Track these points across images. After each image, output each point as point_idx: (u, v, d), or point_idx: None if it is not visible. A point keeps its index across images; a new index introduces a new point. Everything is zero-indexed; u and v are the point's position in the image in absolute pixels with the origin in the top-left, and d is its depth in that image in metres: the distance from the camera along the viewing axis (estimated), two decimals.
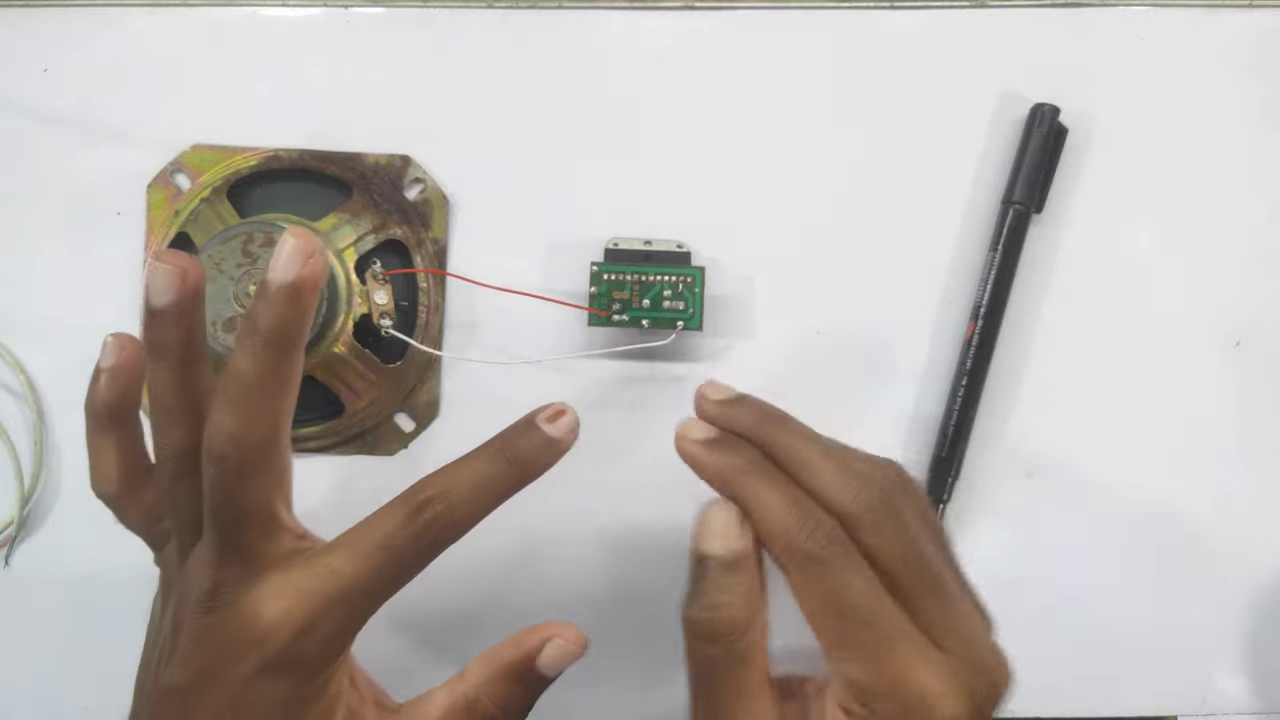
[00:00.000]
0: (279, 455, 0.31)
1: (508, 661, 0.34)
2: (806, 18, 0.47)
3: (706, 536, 0.30)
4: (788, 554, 0.30)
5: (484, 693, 0.34)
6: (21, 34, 0.47)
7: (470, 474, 0.31)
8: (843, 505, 0.30)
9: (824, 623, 0.29)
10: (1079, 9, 0.47)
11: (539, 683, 0.34)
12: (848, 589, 0.29)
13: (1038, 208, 0.46)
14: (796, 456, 0.32)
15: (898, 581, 0.29)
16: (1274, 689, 0.47)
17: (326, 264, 0.31)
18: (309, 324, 0.31)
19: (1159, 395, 0.47)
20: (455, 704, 0.34)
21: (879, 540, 0.30)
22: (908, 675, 0.28)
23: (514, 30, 0.47)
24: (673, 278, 0.45)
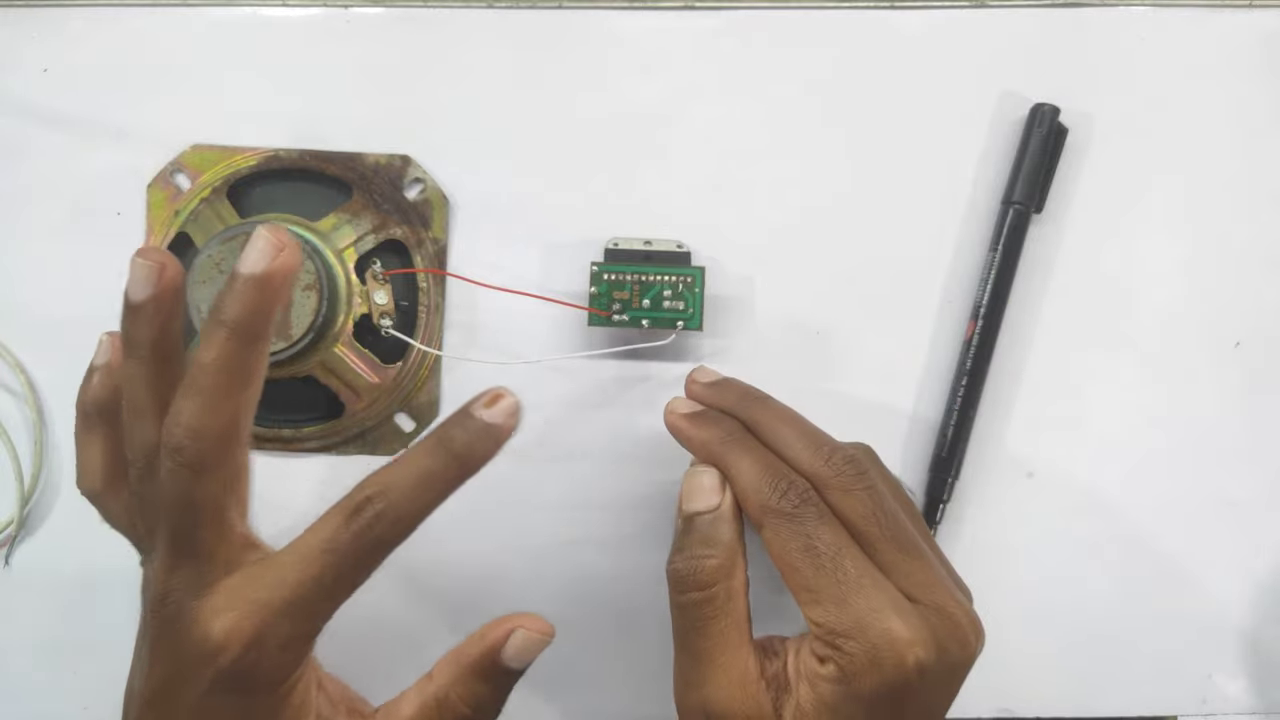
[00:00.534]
0: (236, 452, 0.31)
1: (473, 658, 0.33)
2: (806, 18, 0.47)
3: (690, 496, 0.34)
4: (762, 512, 0.32)
5: (453, 691, 0.33)
6: (21, 34, 0.47)
7: (409, 470, 0.30)
8: (814, 468, 0.33)
9: (795, 573, 0.31)
10: (1079, 9, 0.47)
11: (506, 676, 0.33)
12: (817, 538, 0.31)
13: (1038, 208, 0.46)
14: (772, 429, 0.35)
15: (870, 540, 0.32)
16: (1274, 689, 0.47)
17: (299, 260, 0.31)
18: (274, 317, 0.31)
19: (1159, 395, 0.47)
20: (425, 705, 0.33)
21: (850, 501, 0.32)
22: (874, 618, 0.30)
23: (514, 30, 0.47)
24: (673, 278, 0.45)
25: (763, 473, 0.33)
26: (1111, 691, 0.47)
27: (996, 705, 0.47)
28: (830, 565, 0.31)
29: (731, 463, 0.34)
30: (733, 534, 0.33)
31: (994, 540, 0.46)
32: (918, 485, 0.46)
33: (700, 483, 0.34)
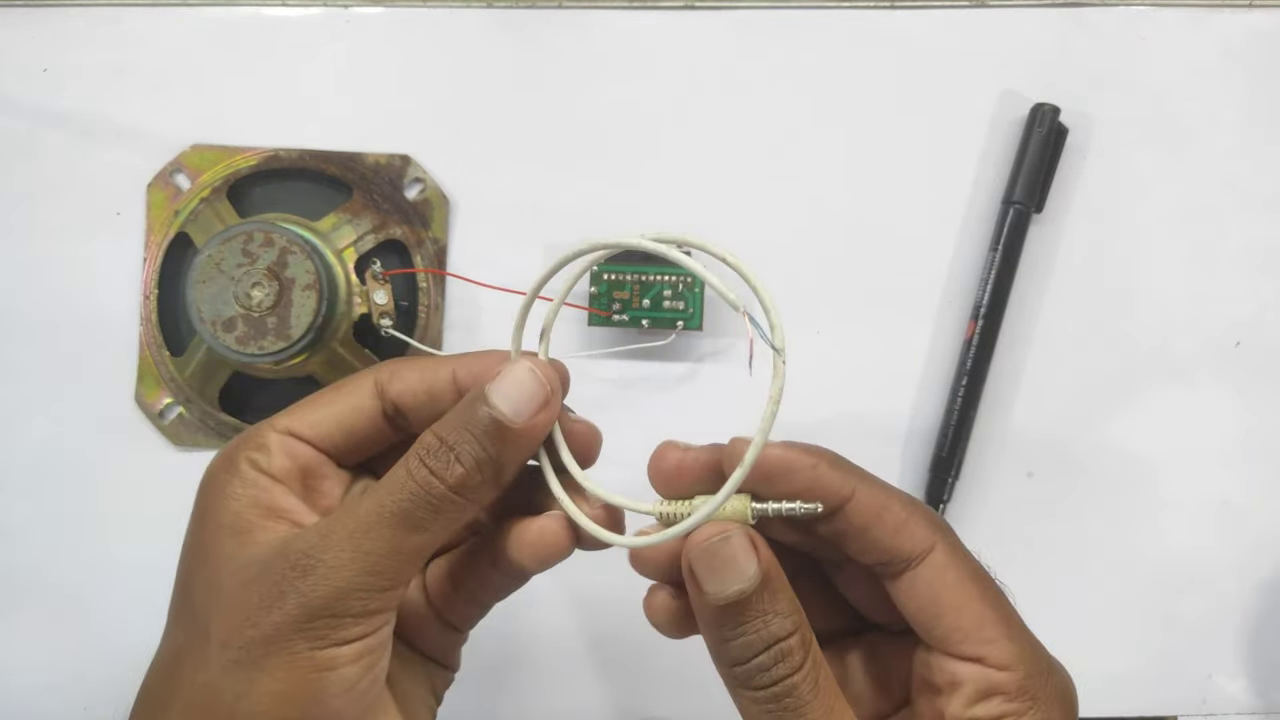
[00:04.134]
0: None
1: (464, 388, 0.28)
2: (806, 18, 0.47)
3: (717, 575, 0.26)
4: (932, 536, 0.28)
5: (434, 429, 0.27)
6: (21, 34, 0.47)
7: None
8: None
9: (960, 611, 0.27)
10: (1079, 9, 0.47)
11: (498, 429, 0.27)
12: (983, 570, 0.29)
13: (1038, 208, 0.46)
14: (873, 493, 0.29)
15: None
16: (1274, 689, 0.47)
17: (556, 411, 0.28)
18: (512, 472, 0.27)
19: (1159, 395, 0.47)
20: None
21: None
22: (1052, 661, 0.28)
23: (514, 30, 0.47)
24: (673, 278, 0.45)
25: (907, 495, 0.28)
26: (1111, 691, 0.46)
27: None
28: (997, 592, 0.28)
29: (870, 489, 0.28)
30: (788, 590, 0.27)
31: (994, 540, 0.46)
32: (918, 485, 0.46)
33: (728, 553, 0.26)
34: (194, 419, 0.47)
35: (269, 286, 0.43)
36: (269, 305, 0.43)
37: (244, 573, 0.26)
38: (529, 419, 0.27)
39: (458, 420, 0.27)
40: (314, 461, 0.29)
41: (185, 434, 0.47)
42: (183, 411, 0.47)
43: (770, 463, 0.27)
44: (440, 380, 0.29)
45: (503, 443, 0.27)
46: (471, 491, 0.26)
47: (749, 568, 0.26)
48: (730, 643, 0.26)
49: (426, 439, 0.27)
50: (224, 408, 0.46)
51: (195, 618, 0.26)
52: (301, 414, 0.29)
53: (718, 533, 0.27)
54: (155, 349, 0.47)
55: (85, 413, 0.47)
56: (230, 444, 0.29)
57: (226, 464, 0.28)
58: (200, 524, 0.28)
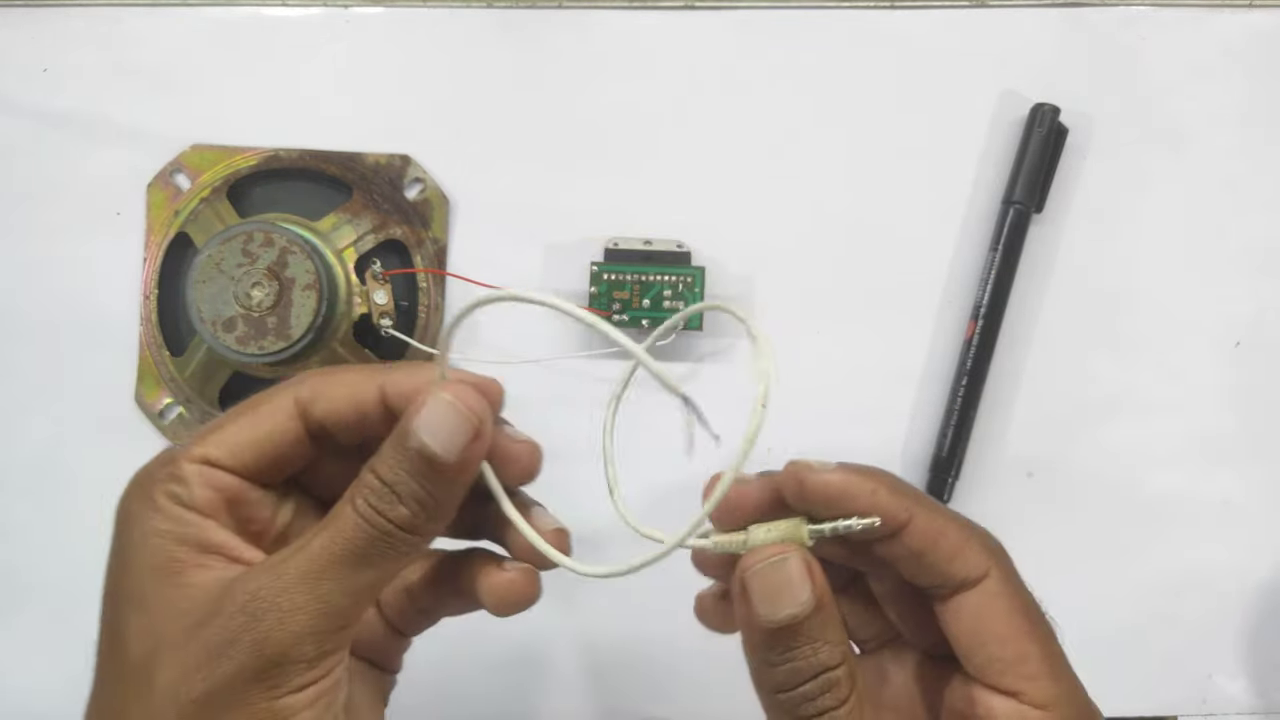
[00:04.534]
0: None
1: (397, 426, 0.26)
2: (806, 18, 0.47)
3: (771, 597, 0.26)
4: (987, 562, 0.27)
5: (373, 465, 0.26)
6: (21, 34, 0.47)
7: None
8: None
9: (1007, 642, 0.27)
10: (1079, 9, 0.47)
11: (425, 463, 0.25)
12: (1032, 599, 0.28)
13: (1038, 208, 0.46)
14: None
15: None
16: (1274, 689, 0.47)
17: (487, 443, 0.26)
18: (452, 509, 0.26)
19: (1159, 395, 0.46)
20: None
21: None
22: (1089, 702, 0.28)
23: (514, 30, 0.47)
24: (673, 278, 0.45)
25: (965, 519, 0.28)
26: (1111, 691, 0.46)
27: None
28: (1047, 629, 0.27)
29: (928, 514, 0.27)
30: (839, 620, 0.26)
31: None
32: (918, 485, 0.46)
33: (784, 575, 0.26)
34: (194, 419, 0.47)
35: (269, 286, 0.43)
36: (269, 305, 0.43)
37: (185, 618, 0.24)
38: (460, 454, 0.25)
39: (393, 459, 0.25)
40: (238, 489, 0.27)
41: (185, 434, 0.47)
42: (183, 411, 0.47)
43: (829, 488, 0.27)
44: (368, 398, 0.27)
45: (438, 479, 0.25)
46: (421, 529, 0.26)
47: (804, 593, 0.25)
48: (777, 668, 0.26)
49: (368, 479, 0.25)
50: (224, 408, 0.46)
51: (133, 669, 0.25)
52: (216, 440, 0.27)
53: (776, 554, 0.26)
54: (155, 349, 0.47)
55: (85, 413, 0.47)
56: (140, 474, 0.27)
57: (143, 499, 0.26)
58: (125, 566, 0.26)
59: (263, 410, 0.27)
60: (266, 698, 0.24)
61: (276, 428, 0.27)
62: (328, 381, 0.27)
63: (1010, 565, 0.28)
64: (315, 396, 0.27)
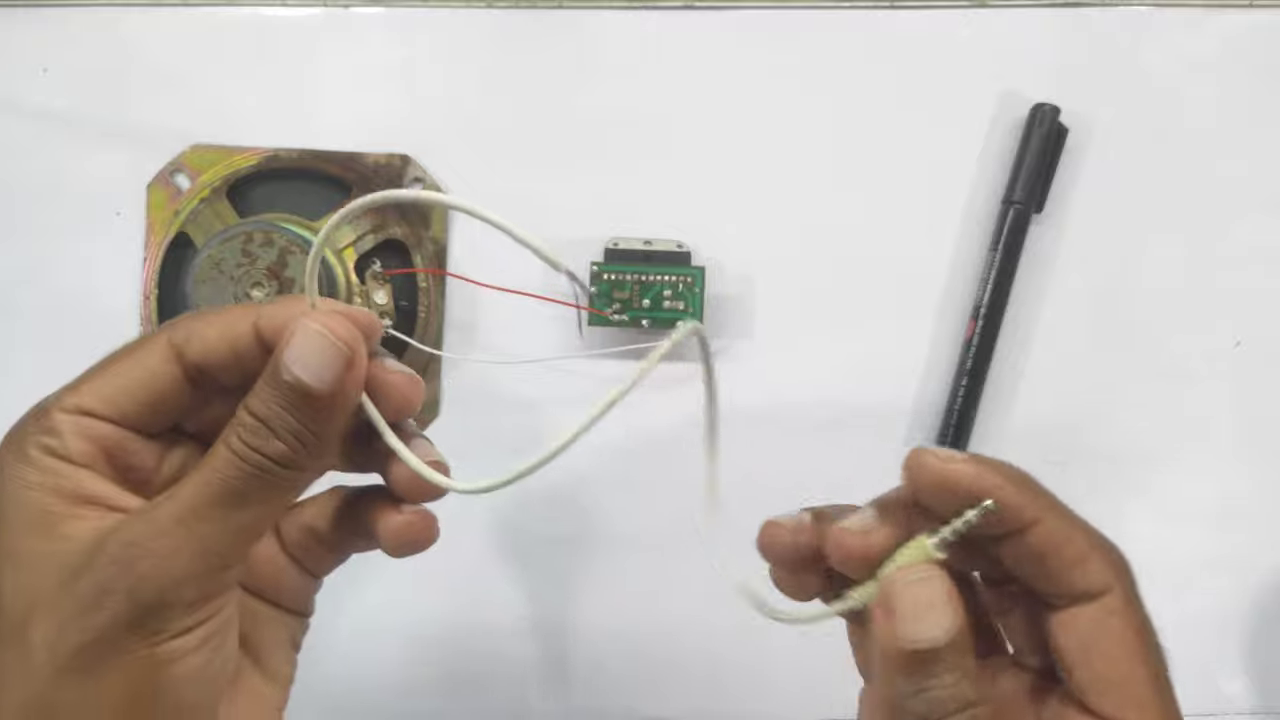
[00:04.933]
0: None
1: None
2: (806, 18, 0.47)
3: (911, 616, 0.24)
4: (1119, 572, 0.25)
5: (246, 403, 0.26)
6: (21, 34, 0.47)
7: None
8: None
9: (1120, 657, 0.26)
10: (1079, 9, 0.47)
11: (297, 394, 0.25)
12: (1151, 629, 0.26)
13: (1038, 208, 0.46)
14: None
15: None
16: (1274, 689, 0.47)
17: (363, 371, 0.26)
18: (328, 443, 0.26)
19: (1159, 395, 0.46)
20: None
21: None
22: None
23: (514, 30, 0.47)
24: (673, 278, 0.45)
25: (1094, 529, 0.26)
26: None
27: None
28: (1160, 658, 0.27)
29: (1058, 517, 0.25)
30: (973, 651, 0.24)
31: None
32: None
33: (931, 594, 0.24)
34: None
35: (269, 286, 0.43)
36: None
37: (61, 572, 0.24)
38: (333, 383, 0.25)
39: (266, 393, 0.25)
40: (116, 438, 0.26)
41: None
42: None
43: (957, 478, 0.25)
44: (242, 335, 0.26)
45: (313, 411, 0.25)
46: (299, 462, 0.25)
47: (949, 615, 0.24)
48: (917, 695, 0.24)
49: (242, 416, 0.25)
50: None
51: (10, 630, 0.24)
52: (90, 388, 0.26)
53: (924, 571, 0.24)
54: None
55: None
56: (13, 428, 0.26)
57: (16, 452, 0.25)
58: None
59: (136, 355, 0.26)
60: (147, 645, 0.23)
61: (151, 372, 0.26)
62: (201, 321, 0.26)
63: (1133, 585, 0.26)
64: (189, 337, 0.26)
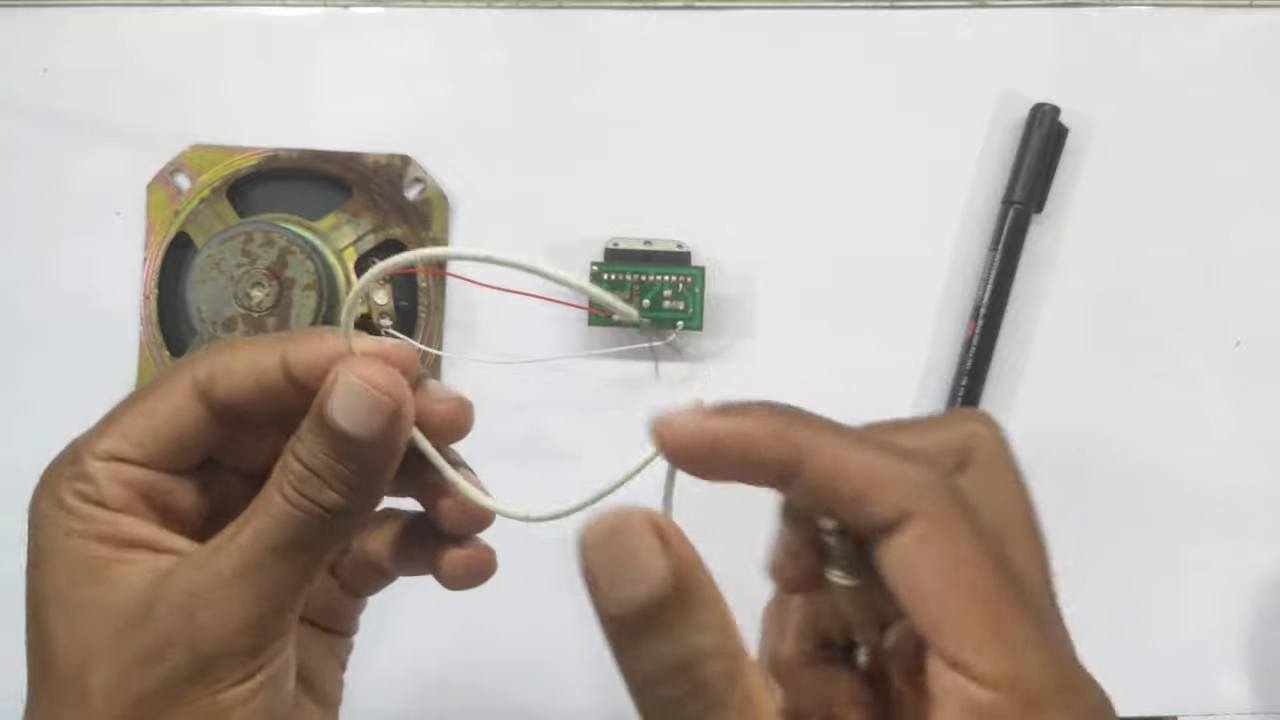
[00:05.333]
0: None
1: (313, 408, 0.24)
2: (806, 18, 0.47)
3: (611, 576, 0.20)
4: (916, 499, 0.21)
5: (292, 446, 0.25)
6: (21, 34, 0.47)
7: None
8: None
9: (961, 594, 0.21)
10: (1079, 9, 0.47)
11: (345, 443, 0.24)
12: (992, 542, 0.22)
13: (1038, 208, 0.46)
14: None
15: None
16: (1274, 689, 0.47)
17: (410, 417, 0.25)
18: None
19: (1159, 395, 0.46)
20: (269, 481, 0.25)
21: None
22: (1082, 673, 0.22)
23: (514, 30, 0.47)
24: (673, 278, 0.45)
25: (892, 448, 0.22)
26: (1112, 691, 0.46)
27: None
28: (1002, 584, 0.21)
29: (816, 441, 0.22)
30: (714, 600, 0.20)
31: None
32: None
33: (627, 545, 0.20)
34: None
35: (269, 286, 0.43)
36: (269, 305, 0.43)
37: (117, 619, 0.23)
38: (382, 433, 0.24)
39: (313, 442, 0.24)
40: (149, 480, 0.25)
41: None
42: None
43: (693, 443, 0.22)
44: (269, 371, 0.25)
45: (364, 460, 0.24)
46: (354, 509, 0.24)
47: (655, 569, 0.20)
48: (631, 665, 0.20)
49: (291, 464, 0.24)
50: None
51: (66, 679, 0.24)
52: (118, 431, 0.26)
53: (613, 520, 0.20)
54: (155, 349, 0.47)
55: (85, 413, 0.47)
56: (47, 474, 0.26)
57: (52, 500, 0.25)
58: (44, 570, 0.24)
59: (160, 395, 0.26)
60: (209, 694, 0.23)
61: (177, 412, 0.25)
62: (224, 356, 0.26)
63: (955, 504, 0.21)
64: (212, 374, 0.25)
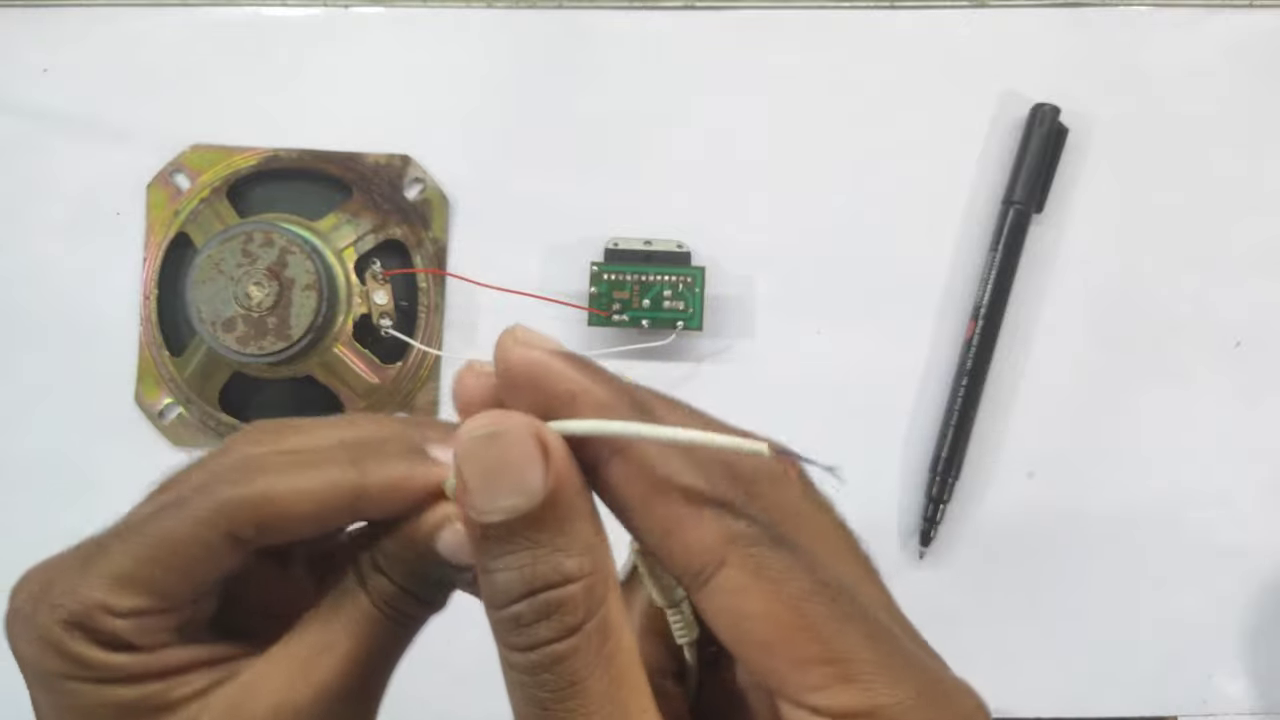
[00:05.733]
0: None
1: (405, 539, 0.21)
2: (806, 18, 0.47)
3: (487, 477, 0.18)
4: (730, 536, 0.19)
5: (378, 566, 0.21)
6: (21, 34, 0.47)
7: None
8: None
9: (802, 637, 0.18)
10: (1079, 9, 0.47)
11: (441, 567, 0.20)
12: (828, 572, 0.19)
13: (1038, 208, 0.46)
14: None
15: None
16: (1274, 689, 0.47)
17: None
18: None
19: (1159, 395, 0.46)
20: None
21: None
22: (953, 686, 0.21)
23: (514, 30, 0.47)
24: (673, 278, 0.45)
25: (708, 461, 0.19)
26: (1111, 691, 0.46)
27: (996, 705, 0.47)
28: (833, 610, 0.18)
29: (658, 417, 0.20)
30: (589, 521, 0.19)
31: (994, 540, 0.46)
32: (918, 485, 0.46)
33: (507, 453, 0.18)
34: (194, 419, 0.47)
35: (269, 286, 0.43)
36: (269, 305, 0.43)
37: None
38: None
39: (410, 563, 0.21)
40: (175, 623, 0.21)
41: (185, 434, 0.47)
42: (183, 412, 0.47)
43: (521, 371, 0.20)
44: (337, 513, 0.20)
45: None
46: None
47: (531, 479, 0.18)
48: (489, 576, 0.19)
49: (379, 585, 0.21)
50: (224, 408, 0.46)
51: None
52: (123, 572, 0.20)
53: (492, 423, 0.18)
54: (155, 349, 0.47)
55: (85, 413, 0.47)
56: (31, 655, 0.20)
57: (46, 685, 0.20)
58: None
59: (172, 537, 0.20)
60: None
61: (203, 561, 0.20)
62: (266, 486, 0.20)
63: (762, 546, 0.19)
64: (260, 519, 0.20)
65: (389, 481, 0.20)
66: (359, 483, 0.20)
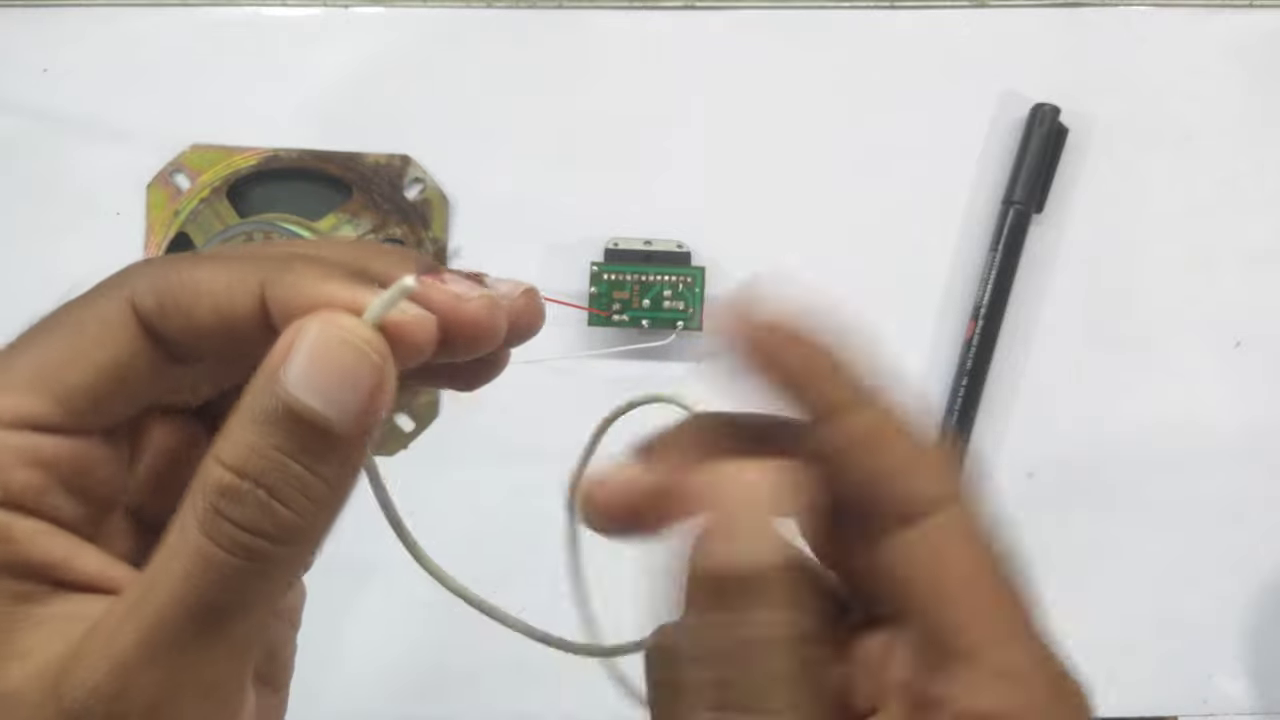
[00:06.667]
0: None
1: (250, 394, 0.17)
2: (807, 18, 0.47)
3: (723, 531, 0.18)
4: (939, 496, 0.20)
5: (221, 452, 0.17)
6: (21, 34, 0.47)
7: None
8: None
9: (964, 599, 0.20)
10: (1079, 9, 0.47)
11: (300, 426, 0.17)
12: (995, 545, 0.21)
13: (1038, 208, 0.46)
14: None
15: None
16: (1274, 689, 0.47)
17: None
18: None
19: (1159, 395, 0.46)
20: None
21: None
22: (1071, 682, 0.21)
23: (514, 30, 0.47)
24: (673, 278, 0.45)
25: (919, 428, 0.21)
26: (1111, 691, 0.46)
27: None
28: (1009, 588, 0.20)
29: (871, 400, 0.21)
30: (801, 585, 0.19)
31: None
32: None
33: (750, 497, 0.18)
34: None
35: None
36: None
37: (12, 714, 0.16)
38: (363, 415, 0.17)
39: (260, 436, 0.16)
40: (74, 453, 0.18)
41: None
42: None
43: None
44: (241, 308, 0.18)
45: (333, 459, 0.17)
46: (311, 533, 0.17)
47: (764, 539, 0.19)
48: (710, 631, 0.19)
49: (221, 478, 0.16)
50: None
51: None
52: (23, 380, 0.18)
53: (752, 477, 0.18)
54: None
55: None
56: None
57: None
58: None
59: (81, 328, 0.19)
60: None
61: (112, 355, 0.18)
62: (175, 281, 0.18)
63: (975, 503, 0.21)
64: (163, 307, 0.18)
65: (294, 286, 0.17)
66: (261, 281, 0.17)
